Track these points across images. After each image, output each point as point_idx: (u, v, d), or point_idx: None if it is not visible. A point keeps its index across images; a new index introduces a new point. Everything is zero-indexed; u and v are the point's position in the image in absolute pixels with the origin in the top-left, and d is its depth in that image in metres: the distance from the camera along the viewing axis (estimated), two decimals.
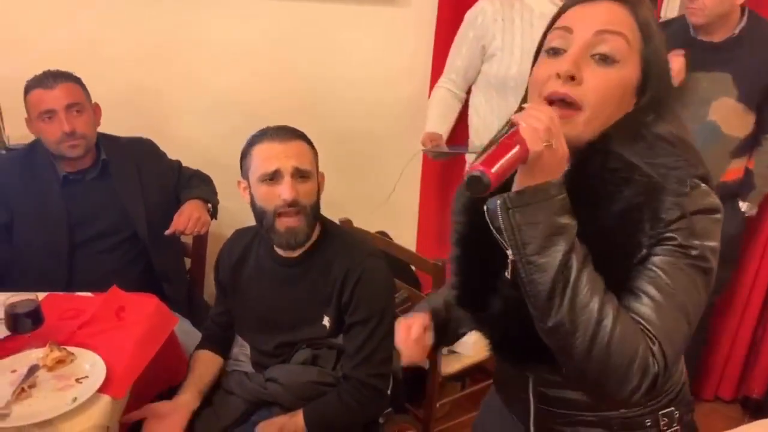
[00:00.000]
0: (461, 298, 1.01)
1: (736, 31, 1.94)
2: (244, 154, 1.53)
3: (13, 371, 1.35)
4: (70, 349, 1.41)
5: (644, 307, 0.79)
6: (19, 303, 1.42)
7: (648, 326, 0.78)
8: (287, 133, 1.51)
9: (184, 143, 2.31)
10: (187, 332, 1.86)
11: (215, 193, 2.13)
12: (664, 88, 0.89)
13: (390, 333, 1.54)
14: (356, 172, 2.56)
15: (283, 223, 1.47)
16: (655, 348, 0.77)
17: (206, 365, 1.67)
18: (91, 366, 1.37)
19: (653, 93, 0.87)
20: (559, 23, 0.90)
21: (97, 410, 1.27)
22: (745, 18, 1.94)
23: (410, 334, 1.07)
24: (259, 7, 2.35)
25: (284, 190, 1.45)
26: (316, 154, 1.55)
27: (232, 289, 1.67)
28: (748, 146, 2.08)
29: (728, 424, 1.29)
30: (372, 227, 2.20)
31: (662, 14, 2.36)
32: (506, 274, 0.84)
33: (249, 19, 2.35)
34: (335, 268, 1.53)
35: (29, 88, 1.83)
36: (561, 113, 0.83)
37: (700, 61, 1.97)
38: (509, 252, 0.79)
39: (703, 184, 0.83)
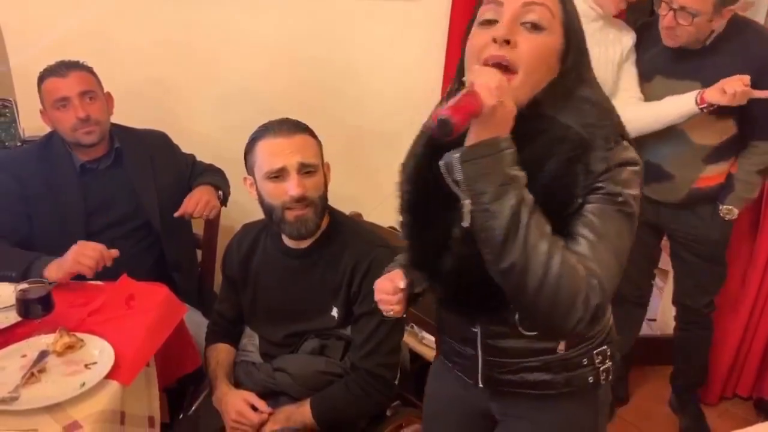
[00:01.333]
0: (414, 259, 1.08)
1: (708, 42, 1.89)
2: (248, 151, 1.52)
3: (23, 356, 1.37)
4: (79, 335, 1.41)
5: (581, 246, 0.88)
6: (31, 289, 1.44)
7: (587, 263, 0.87)
8: (291, 127, 1.49)
9: (197, 137, 2.31)
10: (196, 323, 1.86)
11: (227, 184, 2.13)
12: (583, 55, 0.99)
13: (398, 324, 1.54)
14: (368, 166, 2.55)
15: (292, 213, 1.47)
16: (595, 282, 0.87)
17: (229, 355, 1.68)
18: (100, 352, 1.38)
19: (575, 58, 0.97)
20: None
21: (106, 396, 1.28)
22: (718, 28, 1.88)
23: (394, 286, 1.12)
24: (272, 1, 2.34)
25: (291, 187, 1.44)
26: (320, 145, 1.53)
27: (242, 282, 1.67)
28: (727, 151, 2.01)
29: (740, 425, 1.27)
30: (383, 221, 2.19)
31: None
32: (463, 224, 0.89)
33: (261, 12, 2.35)
34: (344, 259, 1.53)
35: (43, 77, 1.84)
36: None
37: (670, 68, 1.94)
38: (467, 202, 0.87)
39: (624, 141, 0.95)
